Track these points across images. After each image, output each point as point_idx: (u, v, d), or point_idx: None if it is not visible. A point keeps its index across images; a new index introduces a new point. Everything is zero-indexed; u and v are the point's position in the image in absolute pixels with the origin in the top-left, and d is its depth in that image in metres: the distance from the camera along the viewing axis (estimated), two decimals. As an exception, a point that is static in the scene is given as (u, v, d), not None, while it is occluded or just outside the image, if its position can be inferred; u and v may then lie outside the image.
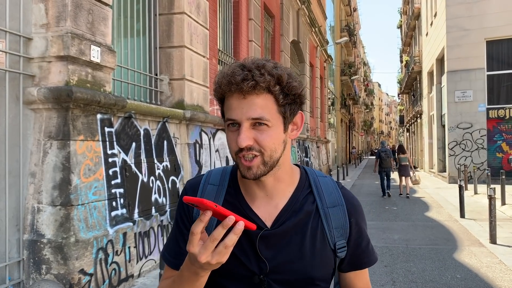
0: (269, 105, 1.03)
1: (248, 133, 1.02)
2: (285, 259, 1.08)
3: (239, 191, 1.14)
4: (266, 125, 1.02)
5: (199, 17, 7.51)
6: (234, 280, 1.09)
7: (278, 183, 1.12)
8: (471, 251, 6.49)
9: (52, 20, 4.36)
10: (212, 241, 0.88)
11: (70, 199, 4.19)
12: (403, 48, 39.90)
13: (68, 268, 4.09)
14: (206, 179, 1.19)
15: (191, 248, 0.90)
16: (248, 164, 1.03)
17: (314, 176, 1.18)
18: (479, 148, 16.92)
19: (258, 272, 1.07)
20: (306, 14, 17.55)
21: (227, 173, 1.19)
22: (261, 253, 1.07)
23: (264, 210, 1.11)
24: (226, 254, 0.90)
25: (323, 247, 1.11)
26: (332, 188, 1.17)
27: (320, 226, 1.11)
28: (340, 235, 1.13)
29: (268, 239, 1.08)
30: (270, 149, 1.03)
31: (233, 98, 1.03)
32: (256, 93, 1.01)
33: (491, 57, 17.04)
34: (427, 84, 24.79)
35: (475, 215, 9.53)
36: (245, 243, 1.08)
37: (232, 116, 1.03)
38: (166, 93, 7.02)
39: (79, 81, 4.46)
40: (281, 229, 1.09)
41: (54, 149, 4.28)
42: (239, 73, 1.01)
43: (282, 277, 1.08)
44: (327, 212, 1.13)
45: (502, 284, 4.99)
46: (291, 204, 1.11)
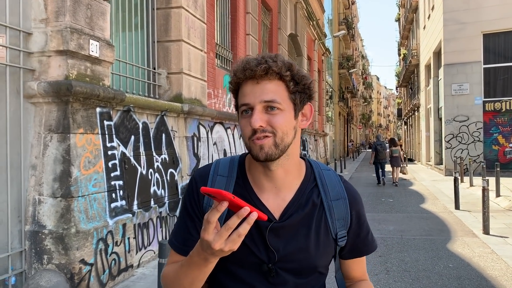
0: (281, 91, 1.09)
1: (261, 115, 1.07)
2: (292, 249, 1.14)
3: (248, 183, 1.19)
4: (278, 108, 1.07)
5: (197, 11, 7.56)
6: (244, 268, 1.15)
7: (287, 175, 1.16)
8: (464, 242, 6.62)
9: (51, 15, 4.42)
10: (227, 229, 0.92)
11: (70, 191, 4.28)
12: (401, 41, 39.89)
13: (69, 258, 4.19)
14: (215, 169, 1.22)
15: (206, 235, 0.94)
16: (260, 143, 1.07)
17: (318, 169, 1.24)
18: (475, 140, 17.04)
19: (267, 261, 1.13)
20: (304, 7, 17.57)
21: (235, 164, 1.23)
22: (270, 243, 1.13)
23: (273, 202, 1.16)
24: (238, 243, 0.94)
25: (326, 237, 1.18)
26: (335, 182, 1.23)
27: (324, 218, 1.18)
28: (341, 225, 1.19)
29: (277, 231, 1.13)
30: (282, 131, 1.08)
31: (247, 85, 1.09)
32: (269, 77, 1.07)
33: (488, 50, 17.11)
34: (424, 77, 24.87)
35: (469, 207, 9.67)
36: (255, 234, 1.13)
37: (245, 101, 1.09)
38: (164, 86, 7.10)
39: (78, 75, 4.53)
40: (289, 221, 1.14)
41: (54, 142, 4.37)
42: (253, 61, 1.09)
43: (289, 265, 1.14)
44: (331, 204, 1.19)
45: (493, 273, 5.12)
46: (298, 197, 1.17)
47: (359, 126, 59.27)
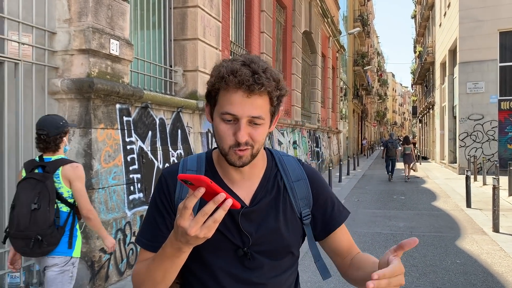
0: (265, 105, 1.13)
1: (247, 130, 1.11)
2: (264, 231, 1.20)
3: (218, 175, 1.25)
4: (261, 123, 1.13)
5: (212, 10, 7.74)
6: (220, 256, 1.19)
7: (254, 167, 1.24)
8: (473, 239, 6.70)
9: (75, 15, 4.65)
10: (203, 215, 0.93)
11: (91, 183, 4.51)
12: (417, 38, 39.56)
13: (90, 246, 4.43)
14: (183, 166, 1.27)
15: (182, 222, 0.94)
16: (241, 153, 1.13)
17: (278, 155, 1.33)
18: (490, 139, 16.94)
19: (242, 246, 1.19)
20: (319, 4, 17.63)
21: (202, 159, 1.28)
22: (243, 228, 1.19)
23: (243, 190, 1.23)
24: (213, 229, 0.95)
25: (293, 217, 1.25)
26: (295, 165, 1.31)
27: (288, 199, 1.26)
28: (304, 204, 1.27)
29: (248, 215, 1.20)
30: (260, 143, 1.15)
31: (237, 94, 1.09)
32: (259, 94, 1.10)
33: (504, 48, 16.96)
34: (439, 75, 24.69)
35: (481, 205, 9.70)
36: (228, 221, 1.18)
37: (233, 111, 1.10)
38: (180, 84, 7.30)
39: (100, 73, 4.75)
40: (258, 206, 1.21)
41: (76, 137, 4.59)
42: (248, 74, 1.08)
43: (263, 247, 1.20)
44: (293, 185, 1.27)
45: (499, 269, 5.21)
46: (264, 183, 1.25)
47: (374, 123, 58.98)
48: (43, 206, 2.70)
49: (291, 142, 13.99)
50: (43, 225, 2.69)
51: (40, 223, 2.69)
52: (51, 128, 2.86)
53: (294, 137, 14.52)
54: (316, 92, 18.68)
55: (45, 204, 2.71)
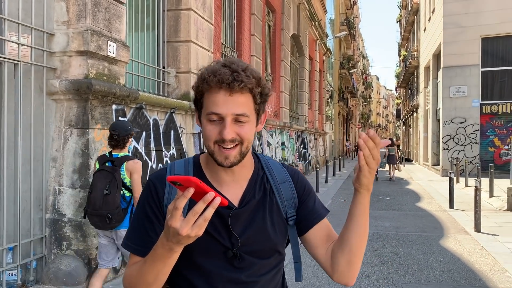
0: (249, 103, 1.17)
1: (232, 127, 1.15)
2: (253, 232, 1.23)
3: (205, 178, 1.27)
4: (246, 121, 1.17)
5: (205, 13, 7.86)
6: (210, 257, 1.21)
7: (243, 168, 1.27)
8: (456, 238, 6.95)
9: (73, 17, 4.73)
10: (193, 215, 0.96)
11: (89, 182, 4.57)
12: (402, 42, 40.19)
13: (87, 244, 4.52)
14: (171, 170, 1.29)
15: (173, 222, 0.97)
16: (227, 153, 1.16)
17: (264, 159, 1.37)
18: (472, 142, 17.38)
19: (231, 247, 1.21)
20: (307, 8, 17.86)
21: (189, 163, 1.31)
22: (233, 229, 1.21)
23: (231, 192, 1.25)
24: (203, 227, 0.98)
25: (279, 217, 1.29)
26: (280, 168, 1.36)
27: (275, 200, 1.29)
28: (290, 205, 1.31)
29: (238, 217, 1.22)
30: (248, 141, 1.19)
31: (219, 94, 1.14)
32: (241, 92, 1.14)
33: (486, 54, 17.43)
34: (423, 78, 25.18)
35: (463, 206, 10.00)
36: (217, 223, 1.20)
37: (217, 110, 1.14)
38: (173, 85, 7.41)
39: (97, 74, 4.85)
40: (247, 207, 1.24)
41: (74, 137, 4.68)
42: (228, 73, 1.13)
43: (252, 248, 1.23)
44: (279, 187, 1.31)
45: (481, 267, 5.45)
46: (251, 185, 1.28)
47: (358, 125, 59.61)
48: (112, 192, 3.49)
49: (279, 143, 14.18)
50: (112, 207, 3.47)
51: (110, 205, 3.47)
52: (122, 130, 3.69)
53: (283, 138, 14.72)
54: (304, 94, 18.91)
55: (114, 191, 3.50)
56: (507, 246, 6.42)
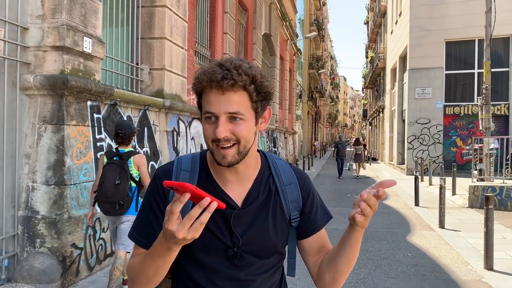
0: (244, 101, 1.15)
1: (225, 126, 1.14)
2: (254, 232, 1.24)
3: (211, 176, 1.28)
4: (241, 119, 1.15)
5: (179, 10, 7.85)
6: (210, 254, 1.23)
7: (247, 168, 1.27)
8: (422, 234, 7.24)
9: (48, 12, 4.66)
10: (189, 219, 0.98)
11: (64, 179, 4.54)
12: (369, 44, 41.05)
13: (62, 242, 4.46)
14: (178, 165, 1.30)
15: (170, 226, 0.99)
16: (224, 152, 1.16)
17: (272, 159, 1.36)
18: (435, 142, 18.02)
19: (232, 246, 1.22)
20: (278, 8, 18.02)
21: (196, 159, 1.31)
22: (234, 229, 1.22)
23: (235, 192, 1.26)
24: (200, 230, 1.00)
25: (282, 219, 1.29)
26: (287, 169, 1.35)
27: (279, 202, 1.29)
28: (294, 208, 1.31)
29: (240, 217, 1.24)
30: (245, 140, 1.17)
31: (212, 93, 1.14)
32: (234, 90, 1.13)
33: (450, 57, 18.10)
34: (390, 80, 25.86)
35: (428, 204, 10.39)
36: (220, 221, 1.22)
37: (211, 109, 1.14)
38: (146, 82, 7.36)
39: (73, 70, 4.79)
40: (250, 207, 1.25)
41: (48, 133, 4.61)
42: (219, 72, 1.13)
43: (252, 247, 1.24)
44: (284, 189, 1.31)
45: (445, 261, 5.72)
46: (256, 185, 1.28)
47: (326, 125, 60.52)
48: (123, 182, 4.00)
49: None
50: (123, 195, 3.98)
51: (121, 193, 3.98)
52: (127, 128, 4.18)
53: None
54: (274, 94, 19.09)
55: (124, 181, 4.01)
56: (469, 241, 6.75)
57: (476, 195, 9.97)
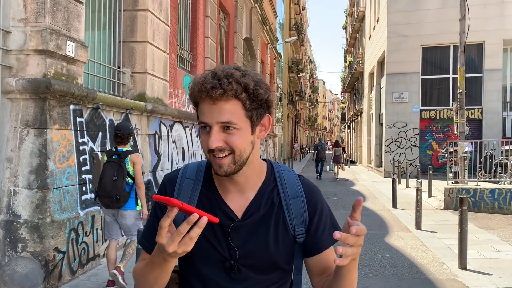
0: (237, 110, 1.12)
1: (217, 136, 1.12)
2: (252, 246, 1.20)
3: (214, 185, 1.25)
4: (234, 127, 1.12)
5: (161, 14, 7.89)
6: (208, 265, 1.21)
7: (248, 180, 1.23)
8: (400, 236, 7.44)
9: (31, 15, 4.65)
10: (178, 234, 0.99)
11: (46, 183, 4.54)
12: (347, 48, 41.66)
13: (44, 246, 4.45)
14: (183, 173, 1.29)
15: (160, 239, 1.01)
16: (219, 162, 1.14)
17: (279, 169, 1.30)
18: (412, 145, 18.43)
19: (229, 258, 1.19)
20: (259, 12, 18.18)
21: (202, 167, 1.29)
22: (232, 241, 1.19)
23: (236, 203, 1.22)
24: (190, 245, 1.00)
25: (285, 235, 1.23)
26: (294, 181, 1.28)
27: (282, 216, 1.23)
28: (299, 223, 1.24)
29: (238, 229, 1.20)
30: (239, 150, 1.14)
31: (204, 103, 1.13)
32: (225, 99, 1.11)
33: (426, 62, 18.55)
34: (368, 84, 26.29)
35: (405, 206, 10.65)
36: (218, 232, 1.20)
37: (203, 119, 1.14)
38: (128, 85, 7.37)
39: (56, 74, 4.79)
40: (250, 220, 1.21)
41: (31, 137, 4.60)
42: (209, 82, 1.10)
43: (250, 262, 1.20)
44: (289, 202, 1.24)
45: (422, 261, 5.91)
46: (258, 197, 1.23)
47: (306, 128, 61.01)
48: (120, 179, 4.38)
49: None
50: (120, 190, 4.36)
51: (118, 188, 4.35)
52: (125, 129, 4.61)
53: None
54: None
55: (121, 178, 4.39)
56: (444, 242, 6.98)
57: (451, 197, 10.27)
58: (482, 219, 9.07)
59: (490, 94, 17.51)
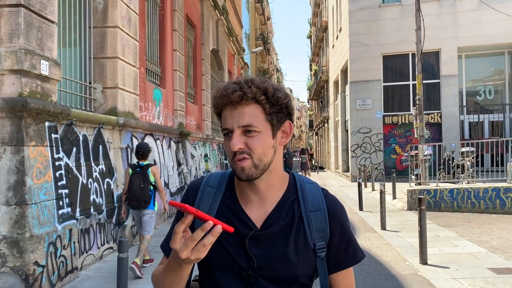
0: (257, 113, 1.15)
1: (239, 138, 1.14)
2: (270, 257, 1.18)
3: (235, 195, 1.25)
4: (255, 131, 1.14)
5: (130, 30, 8.08)
6: (226, 274, 1.20)
7: (270, 188, 1.23)
8: (366, 236, 7.85)
9: (5, 36, 4.79)
10: (192, 241, 1.00)
11: (25, 199, 4.66)
12: (312, 57, 42.59)
13: (24, 260, 4.56)
14: (207, 181, 1.31)
15: (174, 244, 1.02)
16: (241, 164, 1.15)
17: (301, 182, 1.29)
18: (376, 150, 19.12)
19: (247, 268, 1.18)
20: (225, 24, 18.51)
21: (225, 177, 1.30)
22: (250, 251, 1.18)
23: (256, 212, 1.22)
24: (204, 252, 1.01)
25: (305, 248, 1.21)
26: (316, 194, 1.27)
27: (302, 229, 1.21)
28: (320, 237, 1.22)
29: (257, 239, 1.19)
30: (259, 153, 1.15)
31: (226, 110, 1.17)
32: (245, 103, 1.14)
33: (387, 70, 19.36)
34: (333, 92, 27.05)
35: (371, 208, 11.13)
36: (237, 242, 1.19)
37: (225, 125, 1.16)
38: (99, 100, 7.50)
39: (31, 92, 4.93)
40: (268, 231, 1.20)
41: (8, 154, 4.71)
42: (230, 87, 1.15)
43: (268, 273, 1.18)
44: (309, 216, 1.22)
45: (386, 258, 6.31)
46: (278, 208, 1.22)
47: (274, 136, 61.59)
48: (146, 186, 5.75)
49: (202, 155, 14.54)
50: (146, 195, 5.71)
51: (145, 194, 5.71)
52: (145, 148, 6.00)
53: (205, 150, 15.10)
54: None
55: (147, 185, 5.76)
56: (407, 240, 7.42)
57: (413, 198, 10.81)
58: (443, 217, 9.63)
59: (447, 99, 18.43)
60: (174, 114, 11.44)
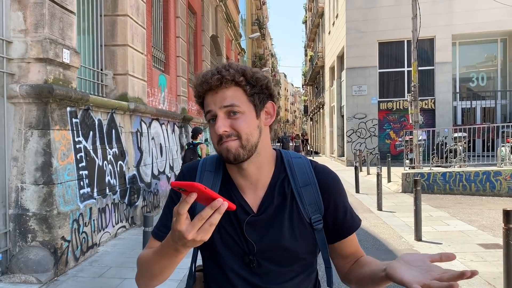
0: (239, 95, 1.14)
1: (224, 121, 1.13)
2: (269, 240, 1.18)
3: (231, 180, 1.25)
4: (239, 112, 1.13)
5: (139, 18, 8.35)
6: (232, 258, 1.20)
7: (259, 171, 1.22)
8: (364, 216, 8.30)
9: (31, 26, 5.08)
10: (200, 220, 0.94)
11: (52, 179, 5.02)
12: (308, 43, 42.71)
13: (52, 235, 4.94)
14: (203, 165, 1.29)
15: (179, 226, 0.95)
16: (227, 145, 1.13)
17: (288, 158, 1.27)
18: (371, 135, 19.58)
19: (248, 253, 1.19)
20: (223, 10, 18.70)
21: (220, 161, 1.27)
22: (248, 236, 1.18)
23: (252, 197, 1.22)
24: (209, 232, 0.96)
25: (301, 224, 1.20)
26: (305, 168, 1.25)
27: (295, 205, 1.21)
28: (314, 210, 1.21)
29: (254, 224, 1.19)
30: (246, 133, 1.14)
31: (208, 96, 1.16)
32: (225, 86, 1.13)
33: (382, 56, 19.71)
34: (329, 78, 27.37)
35: (367, 191, 11.60)
36: (236, 227, 1.20)
37: (207, 108, 1.16)
38: (110, 86, 7.81)
39: (54, 79, 5.25)
40: (264, 215, 1.20)
41: (35, 137, 5.06)
42: (208, 73, 1.16)
43: (268, 255, 1.19)
44: (300, 191, 1.21)
45: (383, 236, 6.77)
46: (270, 190, 1.22)
47: (269, 121, 61.93)
48: (195, 158, 7.49)
49: (203, 139, 14.88)
50: None
51: None
52: (195, 131, 8.09)
53: (206, 135, 15.45)
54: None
55: (196, 157, 7.51)
56: (403, 220, 7.89)
57: (408, 181, 11.29)
58: (435, 199, 10.12)
59: (441, 85, 18.85)
60: (177, 99, 11.76)
